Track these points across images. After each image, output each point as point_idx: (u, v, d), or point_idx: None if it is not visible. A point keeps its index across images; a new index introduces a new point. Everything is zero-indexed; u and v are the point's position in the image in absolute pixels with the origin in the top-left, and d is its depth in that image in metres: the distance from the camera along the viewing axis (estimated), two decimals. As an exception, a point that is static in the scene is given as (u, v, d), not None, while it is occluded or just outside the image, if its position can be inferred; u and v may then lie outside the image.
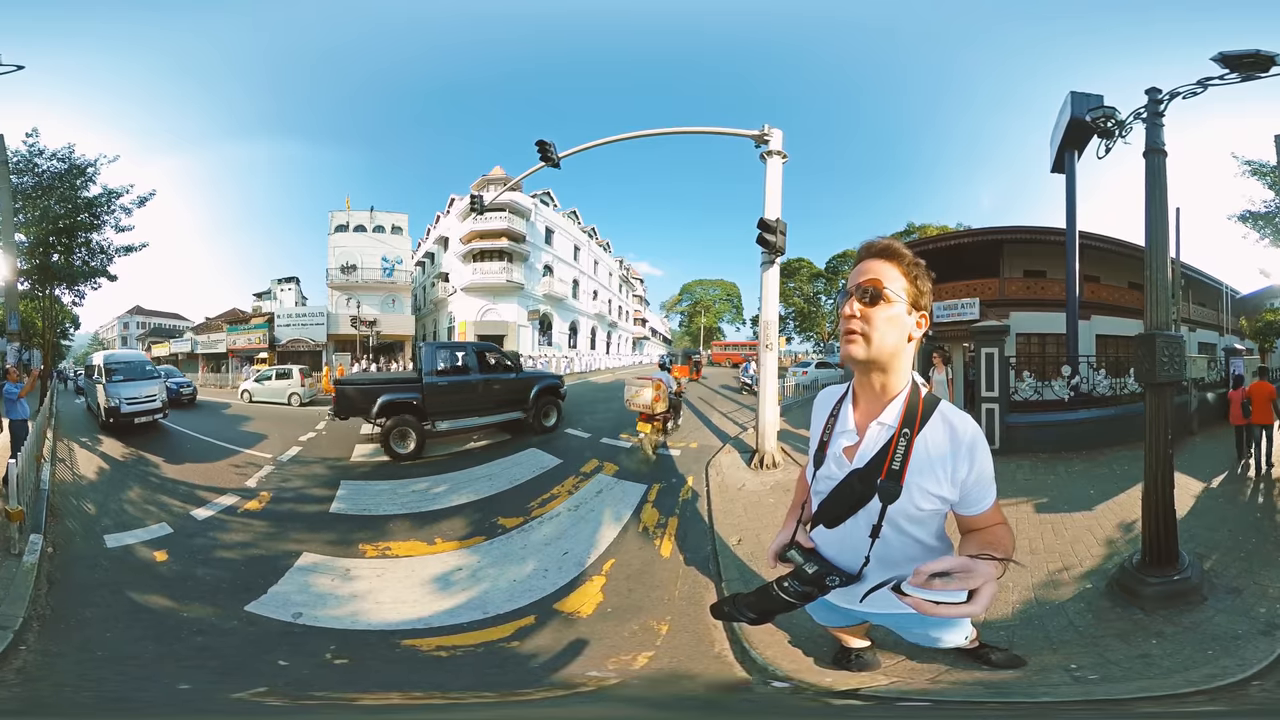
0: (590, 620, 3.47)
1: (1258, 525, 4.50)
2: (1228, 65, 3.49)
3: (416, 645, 3.25)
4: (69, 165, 14.27)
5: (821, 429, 1.47)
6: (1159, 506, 3.40)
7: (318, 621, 3.51)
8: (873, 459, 1.31)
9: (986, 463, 1.29)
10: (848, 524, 1.36)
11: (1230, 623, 2.93)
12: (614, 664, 2.91)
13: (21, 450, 5.38)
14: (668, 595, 3.74)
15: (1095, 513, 4.84)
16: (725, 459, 7.37)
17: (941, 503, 1.29)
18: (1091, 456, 6.90)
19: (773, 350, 7.37)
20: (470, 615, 3.58)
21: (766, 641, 2.87)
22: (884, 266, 1.29)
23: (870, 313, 1.26)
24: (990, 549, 1.15)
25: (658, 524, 5.09)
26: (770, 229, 6.98)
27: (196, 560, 4.45)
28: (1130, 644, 2.81)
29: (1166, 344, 3.49)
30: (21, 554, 4.06)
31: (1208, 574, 3.46)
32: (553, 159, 9.51)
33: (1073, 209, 11.62)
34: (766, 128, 7.31)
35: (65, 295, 15.86)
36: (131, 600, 3.74)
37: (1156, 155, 3.75)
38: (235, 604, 3.69)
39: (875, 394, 1.34)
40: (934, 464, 1.27)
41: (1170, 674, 2.51)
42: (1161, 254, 3.68)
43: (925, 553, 1.35)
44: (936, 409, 1.31)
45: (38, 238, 13.88)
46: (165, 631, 3.36)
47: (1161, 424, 3.47)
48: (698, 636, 3.16)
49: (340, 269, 30.50)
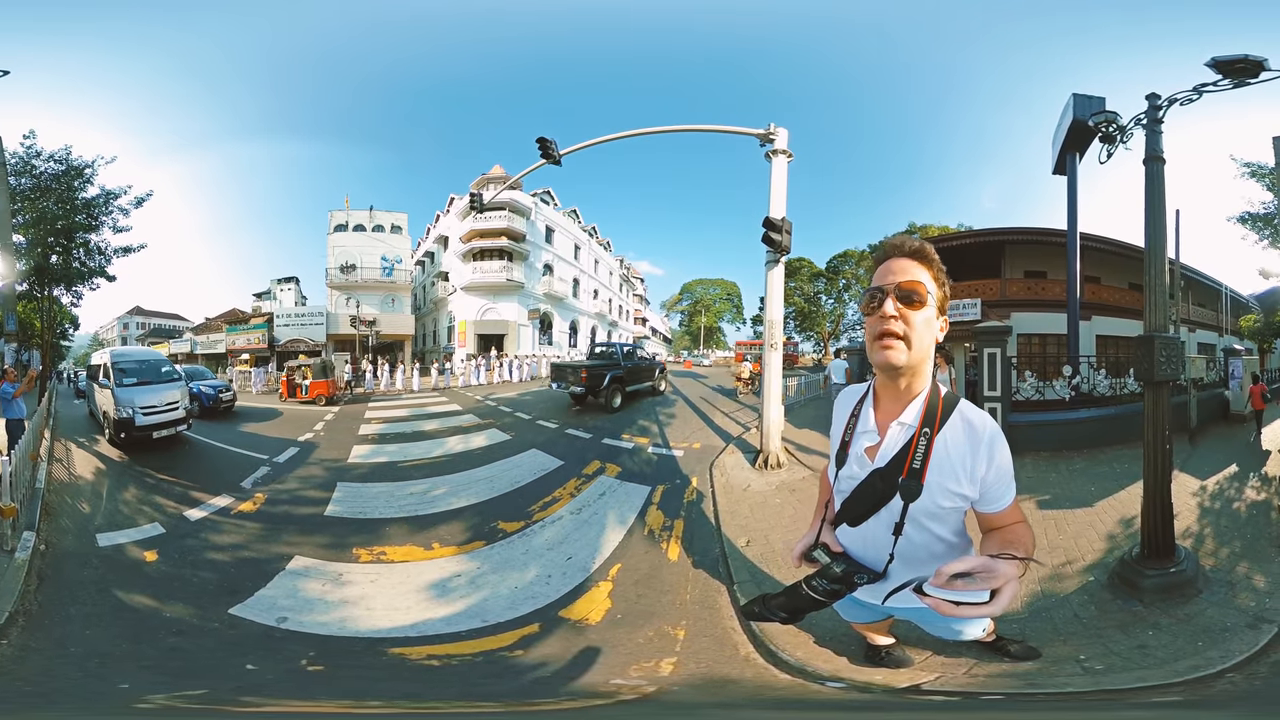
0: (600, 628, 3.38)
1: (1252, 521, 4.60)
2: (1220, 71, 3.59)
3: (404, 654, 3.16)
4: (66, 166, 14.26)
5: (843, 429, 1.48)
6: (1157, 499, 3.52)
7: (302, 627, 3.44)
8: (894, 458, 1.32)
9: (1006, 460, 1.30)
10: (870, 522, 1.38)
11: (1221, 615, 3.01)
12: (638, 671, 2.83)
13: (16, 448, 5.41)
14: (679, 600, 3.67)
15: (1096, 509, 4.95)
16: (729, 459, 7.36)
17: (962, 500, 1.30)
18: (1092, 455, 6.98)
19: (777, 350, 7.36)
20: (468, 623, 3.45)
21: (794, 643, 2.86)
22: (918, 269, 1.29)
23: (911, 315, 1.24)
24: (1011, 548, 1.16)
25: (663, 526, 5.01)
26: (776, 228, 6.97)
27: (186, 561, 4.42)
28: (1130, 635, 2.89)
29: (1164, 345, 3.63)
30: (14, 550, 4.12)
31: (1203, 568, 3.56)
32: (554, 156, 9.47)
33: (1074, 211, 11.64)
34: (772, 126, 7.29)
35: (64, 296, 15.83)
36: (117, 599, 3.74)
37: (1156, 163, 3.86)
38: (219, 606, 3.64)
39: (897, 394, 1.34)
40: (954, 462, 1.28)
41: (1164, 664, 2.58)
42: (1160, 259, 3.79)
43: (947, 549, 1.37)
44: (956, 408, 1.32)
45: (35, 239, 13.87)
46: (143, 631, 3.34)
47: (1160, 420, 3.60)
48: (718, 640, 3.11)
49: (340, 268, 30.44)
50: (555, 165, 9.69)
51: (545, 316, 33.73)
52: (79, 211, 14.39)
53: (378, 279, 30.85)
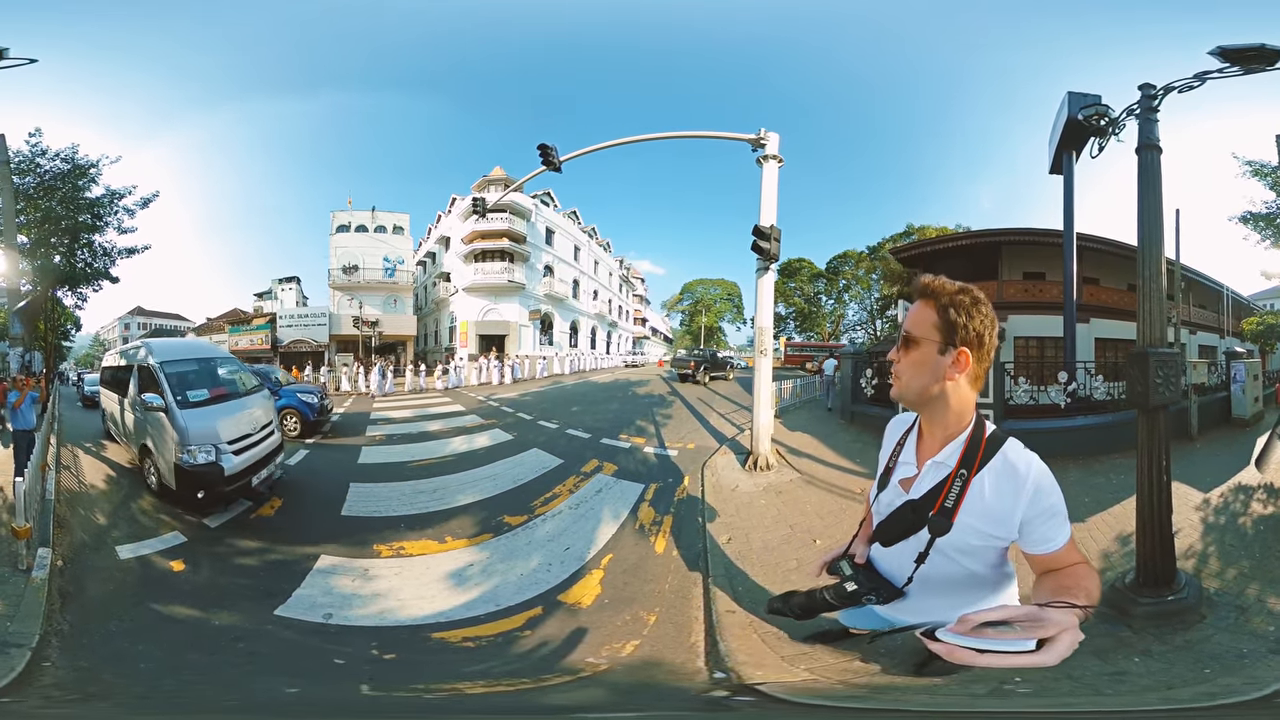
0: (590, 611, 3.69)
1: (1260, 537, 4.41)
2: (1228, 59, 3.33)
3: (445, 638, 3.44)
4: (72, 165, 14.26)
5: (889, 455, 1.51)
6: (1155, 530, 3.24)
7: (348, 621, 3.63)
8: (927, 493, 1.34)
9: (1052, 502, 1.23)
10: (899, 545, 1.40)
11: (1233, 641, 2.86)
12: (607, 651, 3.14)
13: (29, 464, 5.13)
14: (659, 589, 3.95)
15: (1088, 524, 4.78)
16: (721, 460, 7.44)
17: (996, 540, 1.28)
18: (1087, 465, 6.84)
19: (767, 355, 7.42)
20: (486, 608, 3.77)
21: (739, 636, 3.09)
22: (919, 308, 1.33)
23: (904, 356, 1.33)
24: (1067, 593, 1.07)
25: (653, 522, 5.27)
26: (765, 236, 7.03)
27: (215, 569, 4.48)
28: (1107, 661, 2.75)
29: (1161, 363, 3.19)
30: (30, 569, 3.93)
31: (1207, 593, 3.36)
32: (554, 163, 9.56)
33: (1070, 210, 11.60)
34: (762, 131, 7.36)
35: (67, 297, 15.86)
36: (156, 612, 3.71)
37: (1150, 151, 3.49)
38: (263, 610, 3.72)
39: (938, 431, 1.36)
40: (988, 504, 1.25)
41: (1145, 691, 2.48)
42: (1156, 259, 3.39)
43: (969, 579, 1.35)
44: (1001, 449, 1.28)
45: (39, 239, 13.90)
46: (203, 639, 3.39)
47: (1156, 447, 3.22)
48: (679, 627, 3.39)
49: (342, 269, 30.57)
50: (555, 172, 9.78)
51: (546, 317, 33.86)
52: (83, 211, 14.38)
53: (380, 280, 30.98)
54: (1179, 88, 3.51)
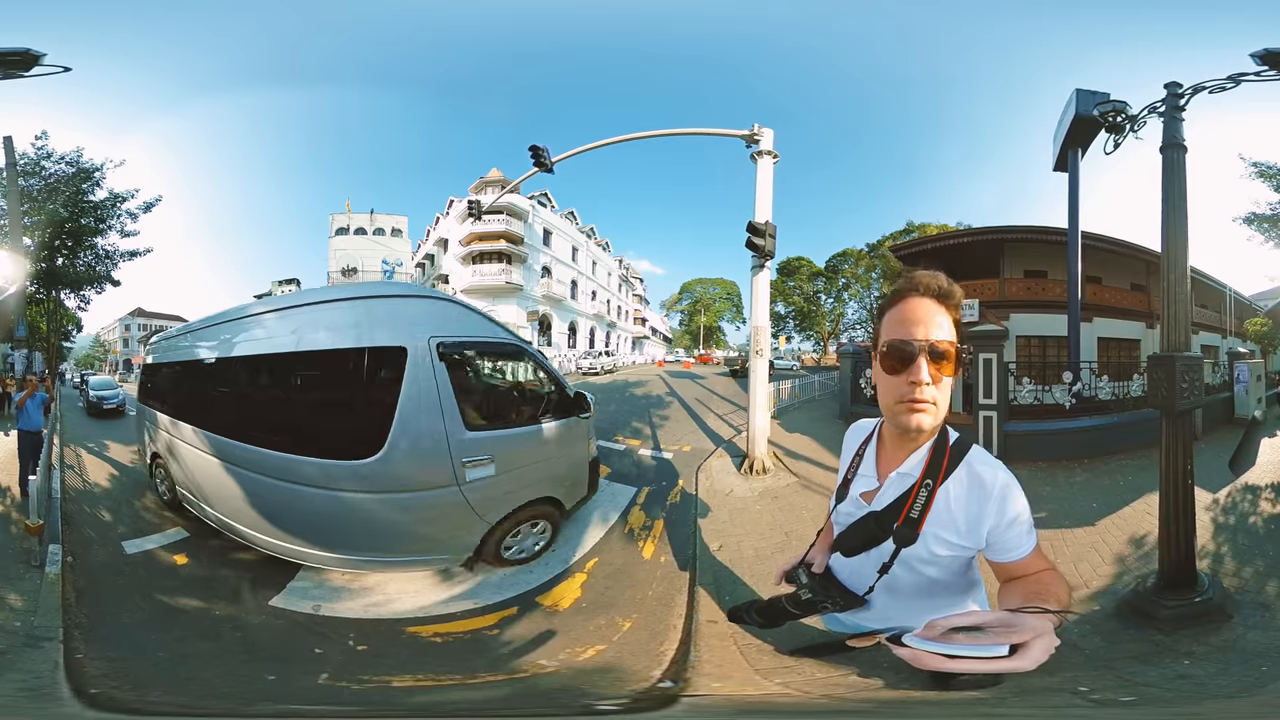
0: (565, 614, 3.71)
1: (1272, 536, 4.37)
2: (1268, 63, 3.25)
3: (418, 632, 3.54)
4: (76, 169, 14.27)
5: (847, 466, 1.44)
6: (1179, 534, 3.17)
7: (335, 613, 3.79)
8: (890, 505, 1.27)
9: (1018, 510, 1.19)
10: (861, 556, 1.35)
11: (1270, 639, 2.80)
12: (565, 655, 3.13)
13: (40, 464, 5.38)
14: (641, 595, 3.90)
15: (1098, 527, 4.66)
16: (716, 463, 7.29)
17: (961, 550, 1.24)
18: (1093, 466, 6.69)
19: (763, 356, 7.27)
20: (463, 605, 3.88)
21: (715, 647, 2.95)
22: (945, 316, 1.17)
23: (944, 378, 1.14)
24: (1038, 599, 1.03)
25: (643, 526, 5.20)
26: (759, 232, 6.89)
27: (215, 561, 4.64)
28: (1156, 665, 2.67)
29: (1188, 367, 3.14)
30: (43, 565, 4.10)
31: (1228, 592, 3.30)
32: (546, 164, 9.46)
33: (1075, 208, 11.47)
34: (756, 127, 7.21)
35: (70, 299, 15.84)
36: (164, 604, 3.90)
37: (1175, 150, 3.39)
38: (259, 600, 3.92)
39: (902, 441, 1.27)
40: (955, 516, 1.21)
41: (1230, 693, 2.37)
42: (1180, 262, 3.34)
43: (934, 586, 1.30)
44: (965, 458, 1.23)
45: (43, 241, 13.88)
46: (206, 630, 3.54)
47: (1180, 453, 3.18)
48: (654, 635, 3.31)
49: (341, 271, 30.51)
50: (548, 173, 9.66)
51: (544, 318, 33.77)
52: (86, 214, 14.41)
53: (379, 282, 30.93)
54: (1210, 88, 3.38)
